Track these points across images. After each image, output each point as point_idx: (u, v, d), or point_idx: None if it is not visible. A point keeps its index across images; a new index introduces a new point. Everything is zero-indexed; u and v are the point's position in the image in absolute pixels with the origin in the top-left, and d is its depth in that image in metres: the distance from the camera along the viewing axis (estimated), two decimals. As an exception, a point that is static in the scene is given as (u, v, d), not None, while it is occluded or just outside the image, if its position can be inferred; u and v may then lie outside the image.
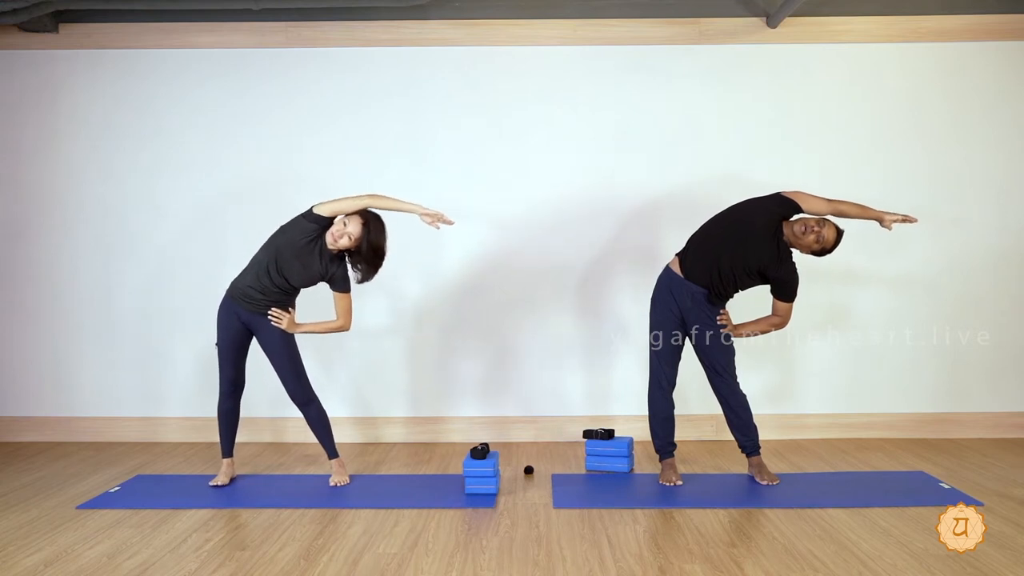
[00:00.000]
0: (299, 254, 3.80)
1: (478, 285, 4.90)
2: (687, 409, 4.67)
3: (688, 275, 3.89)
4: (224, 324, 3.91)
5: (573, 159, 4.88)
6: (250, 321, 3.89)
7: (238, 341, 3.93)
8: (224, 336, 3.92)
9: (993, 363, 4.87)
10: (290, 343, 3.94)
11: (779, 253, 3.82)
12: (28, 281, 4.97)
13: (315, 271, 3.83)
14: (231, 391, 4.00)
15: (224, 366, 3.95)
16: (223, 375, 3.97)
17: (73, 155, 4.94)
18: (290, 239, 3.80)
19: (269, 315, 3.85)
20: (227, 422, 4.04)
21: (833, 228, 3.81)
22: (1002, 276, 4.86)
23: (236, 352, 3.94)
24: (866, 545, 3.12)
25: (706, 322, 3.89)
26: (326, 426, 4.06)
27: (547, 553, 3.09)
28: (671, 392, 4.01)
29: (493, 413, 4.92)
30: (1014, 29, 4.82)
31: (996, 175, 4.85)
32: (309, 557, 3.08)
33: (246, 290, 3.85)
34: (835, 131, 4.86)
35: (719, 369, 3.92)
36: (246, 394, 4.10)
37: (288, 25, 4.86)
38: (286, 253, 3.80)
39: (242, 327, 3.91)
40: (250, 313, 3.87)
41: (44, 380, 4.99)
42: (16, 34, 4.89)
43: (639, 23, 4.85)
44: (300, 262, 3.80)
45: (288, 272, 3.81)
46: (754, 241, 3.80)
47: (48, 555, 3.13)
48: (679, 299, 3.91)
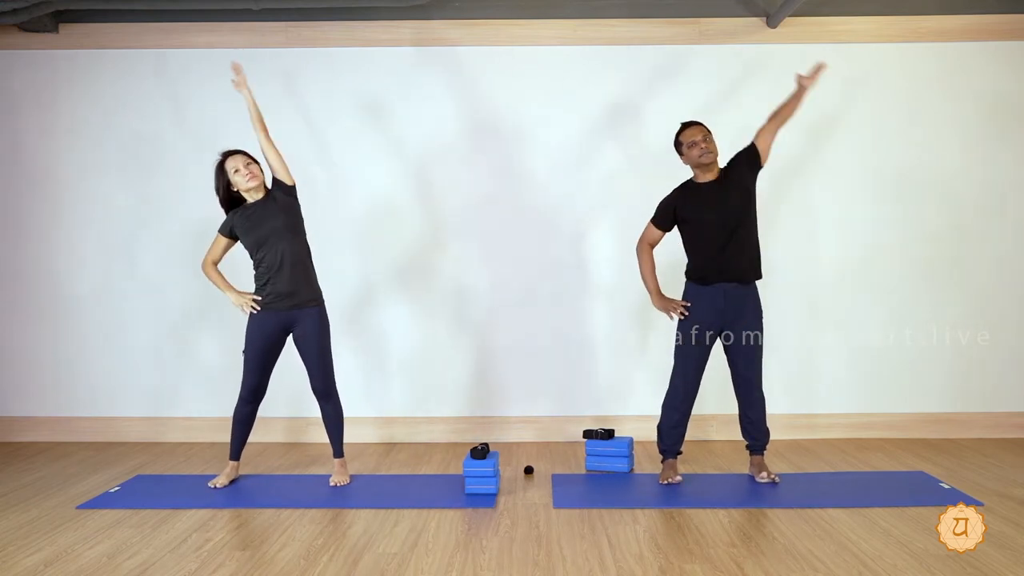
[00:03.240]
0: (250, 224, 3.87)
1: (478, 285, 4.90)
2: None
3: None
4: (255, 334, 3.91)
5: (573, 159, 4.88)
6: (288, 319, 3.90)
7: (270, 348, 3.94)
8: (259, 345, 3.91)
9: (993, 363, 4.87)
10: (326, 337, 3.96)
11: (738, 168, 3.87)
12: (28, 281, 4.97)
13: (275, 208, 3.88)
14: (251, 398, 4.00)
15: (249, 375, 3.95)
16: (246, 383, 3.96)
17: (73, 155, 4.94)
18: (231, 225, 3.91)
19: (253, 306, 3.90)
20: (241, 428, 4.03)
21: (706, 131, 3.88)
22: (1002, 276, 4.86)
23: (265, 361, 3.95)
24: (866, 545, 3.12)
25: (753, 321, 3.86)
26: (340, 424, 4.07)
27: (547, 553, 3.09)
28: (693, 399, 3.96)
29: (493, 413, 4.92)
30: (1014, 29, 4.82)
31: (996, 175, 4.85)
32: (309, 557, 3.08)
33: (264, 294, 3.89)
34: (834, 131, 4.85)
35: (753, 369, 3.87)
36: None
37: (288, 25, 4.87)
38: (247, 237, 3.88)
39: (279, 331, 3.92)
40: (286, 311, 3.89)
41: (44, 380, 5.00)
42: (16, 34, 4.89)
43: (639, 23, 4.85)
44: (257, 223, 3.86)
45: (264, 241, 3.85)
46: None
47: (48, 555, 3.13)
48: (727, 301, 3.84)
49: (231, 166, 3.86)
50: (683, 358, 3.90)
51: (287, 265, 3.85)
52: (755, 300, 3.87)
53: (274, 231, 3.84)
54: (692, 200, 3.86)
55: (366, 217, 4.90)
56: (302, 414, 4.89)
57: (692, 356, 3.88)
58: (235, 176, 3.85)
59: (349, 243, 4.89)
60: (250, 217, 3.87)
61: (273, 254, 3.84)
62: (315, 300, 3.95)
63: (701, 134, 3.84)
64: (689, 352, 3.87)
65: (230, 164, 3.86)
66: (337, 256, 4.84)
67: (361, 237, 4.90)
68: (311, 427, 4.88)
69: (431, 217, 4.90)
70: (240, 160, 3.86)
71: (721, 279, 3.81)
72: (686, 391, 3.91)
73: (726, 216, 3.78)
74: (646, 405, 4.80)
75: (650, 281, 3.98)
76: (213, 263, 3.98)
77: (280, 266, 3.85)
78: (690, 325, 3.85)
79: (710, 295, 3.82)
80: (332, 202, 4.87)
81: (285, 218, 3.87)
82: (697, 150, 3.81)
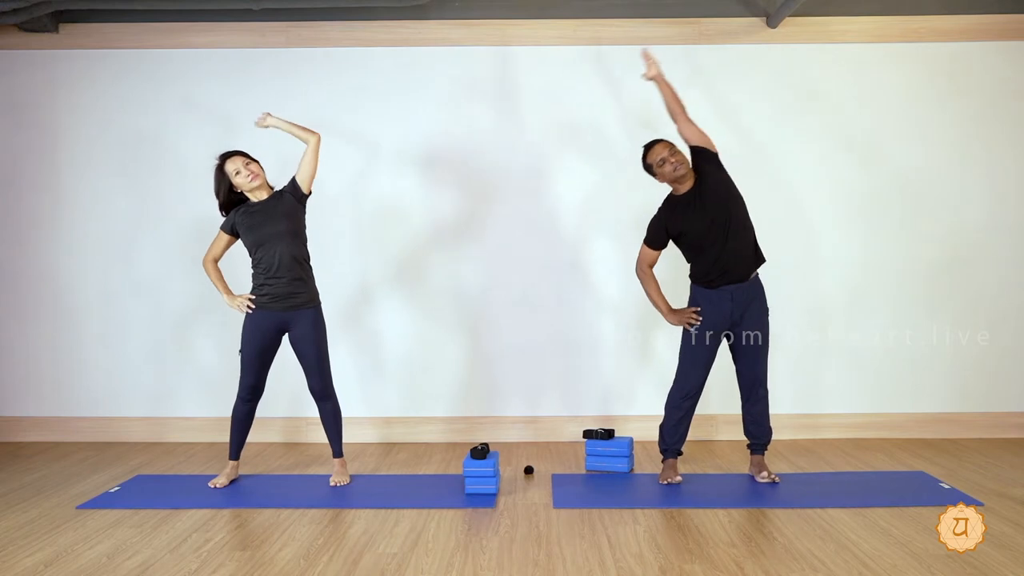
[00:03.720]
0: (252, 222, 3.86)
1: (478, 285, 4.90)
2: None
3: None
4: (252, 333, 3.91)
5: (573, 159, 4.88)
6: (284, 320, 3.91)
7: (267, 348, 3.94)
8: (256, 344, 3.91)
9: (993, 363, 4.86)
10: (323, 338, 3.96)
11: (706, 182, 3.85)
12: (28, 281, 4.97)
13: (280, 211, 3.87)
14: (250, 397, 3.99)
15: (247, 374, 3.95)
16: (244, 382, 3.96)
17: (73, 155, 4.94)
18: (233, 223, 3.91)
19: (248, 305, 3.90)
20: (240, 426, 4.03)
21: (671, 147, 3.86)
22: (1002, 276, 4.86)
23: (262, 360, 3.95)
24: (866, 545, 3.12)
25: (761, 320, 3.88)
26: (339, 424, 4.07)
27: (547, 553, 3.09)
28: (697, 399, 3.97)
29: (493, 413, 4.92)
30: (1014, 29, 4.82)
31: (996, 175, 4.85)
32: (309, 557, 3.08)
33: (260, 294, 3.89)
34: (835, 131, 4.85)
35: (760, 366, 3.89)
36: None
37: (288, 25, 4.87)
38: (248, 236, 3.88)
39: (275, 331, 3.92)
40: (281, 312, 3.89)
41: (44, 380, 5.00)
42: (16, 34, 4.89)
43: (639, 23, 4.85)
44: (259, 223, 3.85)
45: (264, 241, 3.85)
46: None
47: (48, 555, 3.13)
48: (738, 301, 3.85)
49: (232, 168, 3.85)
50: (690, 358, 3.90)
51: (285, 267, 3.85)
52: (761, 298, 3.88)
53: (275, 233, 3.84)
54: (680, 213, 3.84)
55: (366, 217, 4.90)
56: (301, 414, 4.89)
57: (699, 356, 3.88)
58: (237, 178, 3.84)
59: (348, 243, 4.89)
60: (253, 216, 3.87)
61: (271, 255, 3.84)
62: (311, 302, 3.95)
63: (667, 150, 3.83)
64: (696, 352, 3.88)
65: (230, 166, 3.85)
66: (336, 256, 4.84)
67: (360, 237, 4.90)
68: (310, 427, 4.88)
69: (431, 217, 4.90)
70: (240, 161, 3.85)
71: (725, 280, 3.81)
72: (691, 391, 3.91)
73: (716, 215, 3.78)
74: (646, 405, 4.80)
75: (659, 301, 3.95)
76: (214, 260, 3.98)
77: (278, 268, 3.85)
78: (699, 327, 3.85)
79: (717, 298, 3.82)
80: (332, 202, 4.86)
81: (288, 222, 3.86)
82: (669, 166, 3.80)
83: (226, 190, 3.89)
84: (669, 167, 3.80)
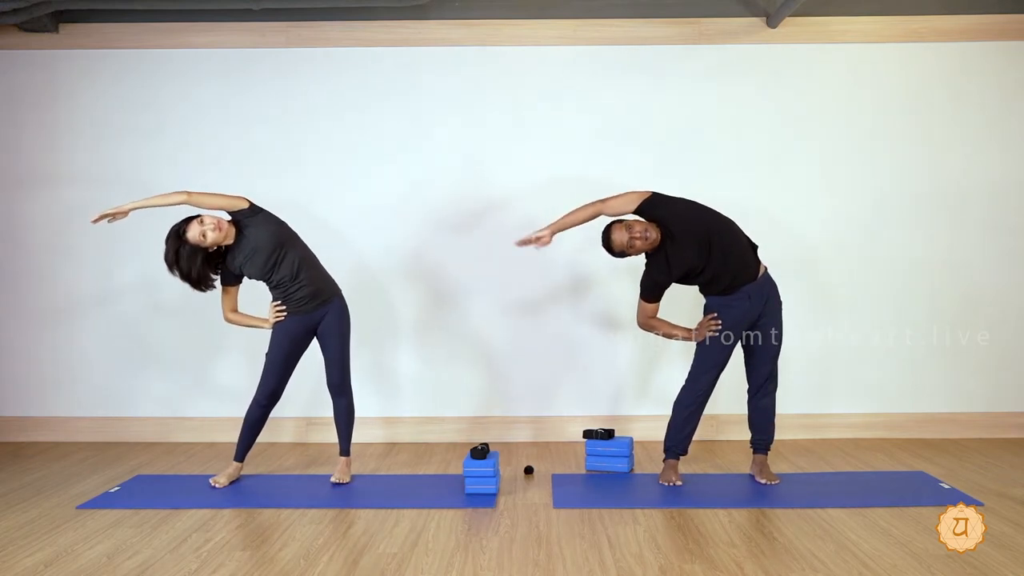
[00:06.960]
0: (249, 253, 3.84)
1: (478, 285, 4.90)
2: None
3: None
4: (281, 339, 3.91)
5: (573, 159, 4.88)
6: (315, 319, 3.93)
7: (294, 352, 3.95)
8: (284, 349, 3.91)
9: (993, 363, 4.86)
10: (346, 330, 4.00)
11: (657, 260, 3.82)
12: (28, 281, 4.97)
13: (259, 232, 3.82)
14: (266, 402, 3.99)
15: (269, 378, 3.95)
16: (264, 386, 3.96)
17: (73, 155, 4.94)
18: (233, 272, 3.92)
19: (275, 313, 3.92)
20: (251, 430, 4.03)
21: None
22: (1002, 276, 4.86)
23: (287, 364, 3.96)
24: (866, 545, 3.12)
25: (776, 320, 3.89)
26: (351, 421, 4.08)
27: (547, 553, 3.09)
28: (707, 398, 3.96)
29: (493, 413, 4.92)
30: (1014, 29, 4.82)
31: (996, 175, 4.85)
32: (309, 557, 3.08)
33: (290, 305, 3.91)
34: (835, 131, 4.86)
35: (775, 362, 3.92)
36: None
37: (288, 25, 4.87)
38: (254, 267, 3.88)
39: (304, 334, 3.94)
40: (312, 312, 3.91)
41: (44, 380, 4.99)
42: (16, 34, 4.89)
43: (639, 23, 4.85)
44: (255, 250, 3.84)
45: (271, 259, 3.85)
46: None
47: (48, 555, 3.13)
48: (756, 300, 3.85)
49: (195, 236, 3.66)
50: (706, 359, 3.88)
51: (302, 270, 3.87)
52: (776, 295, 3.89)
53: (274, 248, 3.82)
54: (668, 264, 3.77)
55: (366, 218, 4.90)
56: (303, 414, 4.89)
57: (717, 358, 3.87)
58: (208, 240, 3.68)
59: (347, 243, 4.89)
60: (243, 250, 3.82)
61: (283, 269, 3.85)
62: (336, 292, 4.01)
63: (625, 230, 3.73)
64: (714, 354, 3.86)
65: (193, 234, 3.66)
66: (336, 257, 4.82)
67: (360, 238, 4.90)
68: (312, 427, 4.88)
69: (431, 217, 4.89)
70: (196, 227, 3.67)
71: (739, 283, 3.80)
72: (703, 391, 3.91)
73: (700, 242, 3.73)
74: (646, 405, 4.80)
75: (676, 332, 3.91)
76: (232, 311, 3.97)
77: (296, 274, 3.86)
78: (719, 330, 3.84)
79: (736, 301, 3.81)
80: (333, 202, 4.87)
81: (271, 234, 3.82)
82: (639, 242, 3.72)
83: (202, 259, 3.74)
84: (640, 243, 3.73)
